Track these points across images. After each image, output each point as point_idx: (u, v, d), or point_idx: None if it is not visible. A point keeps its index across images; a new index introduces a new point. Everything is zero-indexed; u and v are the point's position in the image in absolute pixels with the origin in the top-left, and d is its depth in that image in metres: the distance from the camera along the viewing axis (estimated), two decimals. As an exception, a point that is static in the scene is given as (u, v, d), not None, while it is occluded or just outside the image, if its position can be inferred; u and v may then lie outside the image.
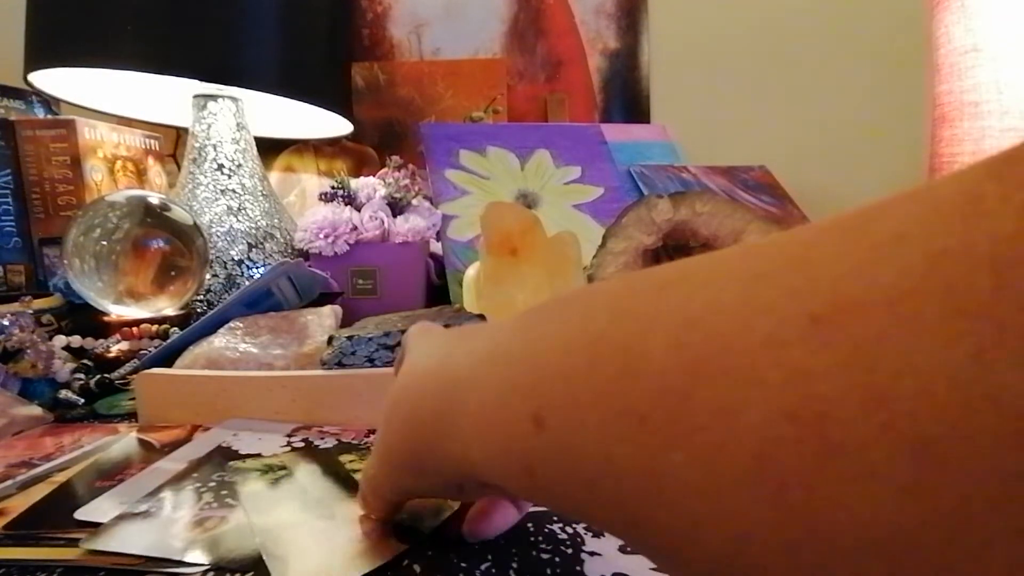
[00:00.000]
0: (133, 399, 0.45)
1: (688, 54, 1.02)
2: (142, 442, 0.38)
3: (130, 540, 0.27)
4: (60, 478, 0.33)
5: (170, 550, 0.26)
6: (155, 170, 0.85)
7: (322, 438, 0.39)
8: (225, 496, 0.30)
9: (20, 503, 0.30)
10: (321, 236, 0.67)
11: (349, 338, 0.44)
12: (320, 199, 0.71)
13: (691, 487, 0.11)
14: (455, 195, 0.77)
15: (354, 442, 0.38)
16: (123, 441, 0.38)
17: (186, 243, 0.60)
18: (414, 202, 0.72)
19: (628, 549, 0.26)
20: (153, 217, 0.59)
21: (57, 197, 0.71)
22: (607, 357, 0.13)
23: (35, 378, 0.47)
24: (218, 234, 0.69)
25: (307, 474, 0.33)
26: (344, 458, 0.35)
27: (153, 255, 0.59)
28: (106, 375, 0.49)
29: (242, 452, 0.36)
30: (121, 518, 0.28)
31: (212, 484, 0.32)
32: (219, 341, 0.48)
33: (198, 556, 0.25)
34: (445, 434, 0.19)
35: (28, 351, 0.46)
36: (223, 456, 0.36)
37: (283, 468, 0.34)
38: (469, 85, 0.98)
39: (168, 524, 0.28)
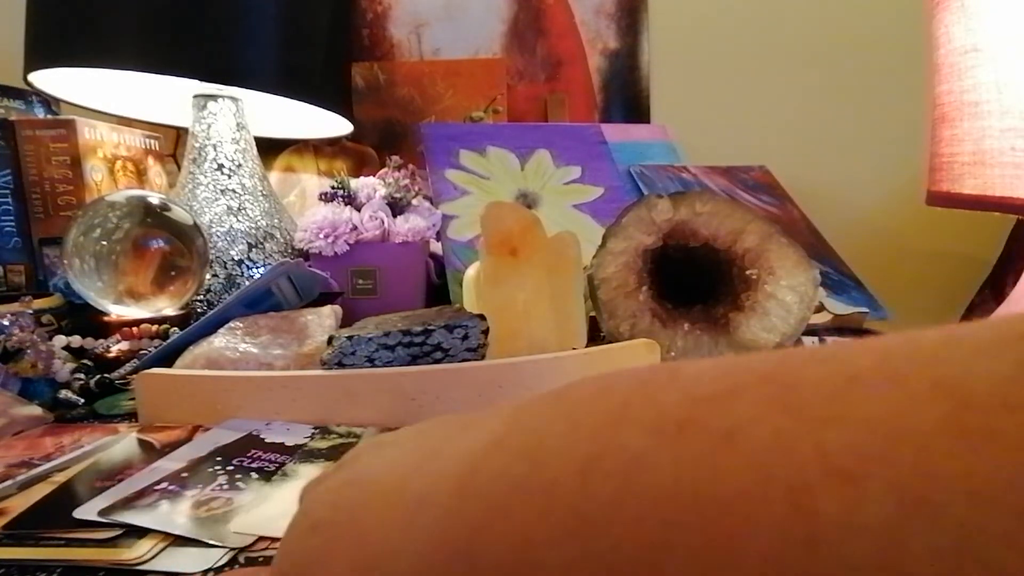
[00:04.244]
0: (133, 399, 0.45)
1: (688, 54, 1.02)
2: (142, 443, 0.38)
3: (138, 516, 0.27)
4: (60, 478, 0.33)
5: (171, 525, 0.26)
6: (155, 170, 0.85)
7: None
8: (238, 480, 0.31)
9: (20, 503, 0.30)
10: (321, 236, 0.67)
11: (349, 338, 0.44)
12: (320, 199, 0.71)
13: None
14: (455, 195, 0.77)
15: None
16: (123, 442, 0.39)
17: (186, 243, 0.60)
18: (414, 202, 0.72)
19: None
20: (153, 217, 0.59)
21: (57, 197, 0.71)
22: None
23: (35, 378, 0.47)
24: (218, 234, 0.69)
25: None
26: None
27: (153, 255, 0.59)
28: (106, 375, 0.49)
29: (268, 440, 0.38)
30: (139, 495, 0.29)
31: (231, 468, 0.33)
32: (219, 341, 0.48)
33: (195, 532, 0.26)
34: None
35: (28, 351, 0.46)
36: (251, 444, 0.37)
37: (357, 437, 0.37)
38: (469, 85, 0.98)
39: (176, 503, 0.28)
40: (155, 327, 0.56)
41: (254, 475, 0.32)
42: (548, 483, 0.11)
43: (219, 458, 0.34)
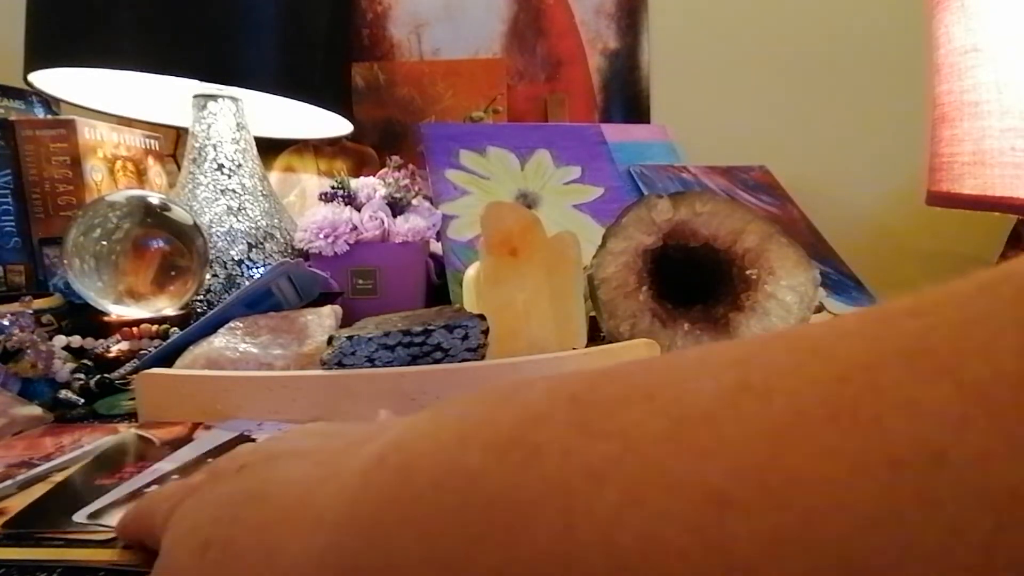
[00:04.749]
0: (133, 399, 0.44)
1: (688, 54, 1.02)
2: (142, 438, 0.38)
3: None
4: (60, 478, 0.33)
5: None
6: (155, 170, 0.85)
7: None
8: None
9: (19, 503, 0.30)
10: (321, 236, 0.67)
11: (349, 338, 0.44)
12: (320, 199, 0.71)
13: None
14: (455, 195, 0.77)
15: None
16: (123, 436, 0.38)
17: (186, 243, 0.60)
18: (414, 202, 0.72)
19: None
20: (153, 217, 0.59)
21: (57, 197, 0.71)
22: None
23: (35, 378, 0.47)
24: (218, 234, 0.69)
25: None
26: None
27: (153, 255, 0.59)
28: (106, 375, 0.49)
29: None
30: (130, 498, 0.29)
31: None
32: (219, 341, 0.48)
33: None
34: None
35: (28, 351, 0.46)
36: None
37: None
38: (469, 85, 0.98)
39: None
40: (155, 327, 0.56)
41: None
42: (414, 498, 0.13)
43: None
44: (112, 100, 0.79)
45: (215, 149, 0.72)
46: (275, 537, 0.15)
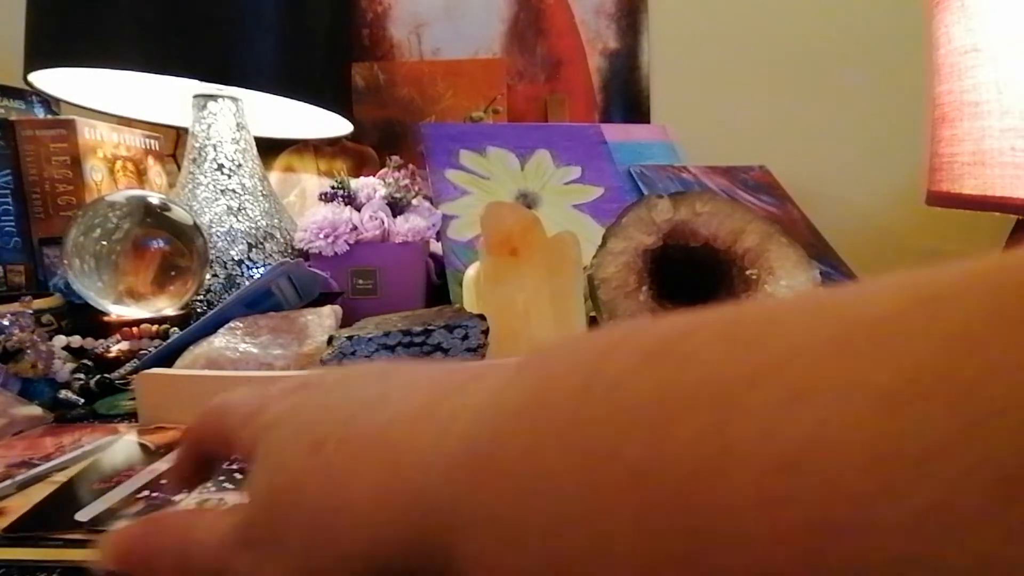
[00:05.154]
0: (133, 399, 0.45)
1: (688, 54, 1.02)
2: (137, 444, 0.38)
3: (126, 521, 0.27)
4: (60, 478, 0.33)
5: None
6: (155, 170, 0.85)
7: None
8: (223, 481, 0.31)
9: (19, 503, 0.30)
10: (321, 236, 0.67)
11: (349, 338, 0.44)
12: (320, 199, 0.71)
13: None
14: (455, 195, 0.77)
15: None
16: (120, 442, 0.39)
17: (186, 243, 0.60)
18: (414, 202, 0.72)
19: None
20: (153, 217, 0.59)
21: (57, 197, 0.71)
22: None
23: (35, 378, 0.47)
24: (218, 234, 0.69)
25: None
26: None
27: (153, 255, 0.59)
28: (106, 375, 0.49)
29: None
30: (124, 502, 0.29)
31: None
32: (219, 341, 0.48)
33: None
34: None
35: (28, 351, 0.46)
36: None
37: None
38: (469, 85, 0.98)
39: (167, 506, 0.28)
40: (155, 327, 0.56)
41: (238, 476, 0.32)
42: (554, 400, 0.13)
43: None
44: (112, 100, 0.79)
45: (215, 149, 0.72)
46: (400, 433, 0.16)
